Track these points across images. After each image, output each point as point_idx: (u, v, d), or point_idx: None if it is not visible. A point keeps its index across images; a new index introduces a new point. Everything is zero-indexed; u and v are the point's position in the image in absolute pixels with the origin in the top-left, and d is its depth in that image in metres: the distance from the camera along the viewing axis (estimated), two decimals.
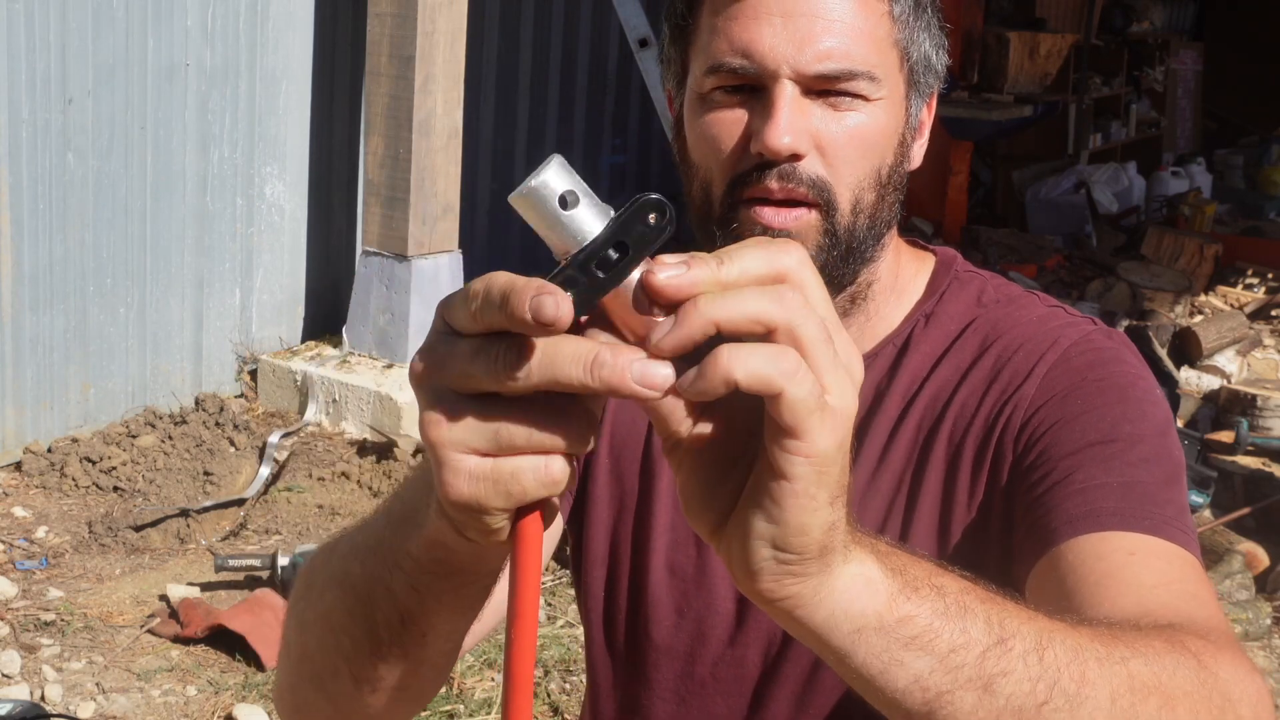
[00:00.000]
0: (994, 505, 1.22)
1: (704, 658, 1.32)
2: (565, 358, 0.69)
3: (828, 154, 1.19)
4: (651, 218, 0.69)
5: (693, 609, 1.32)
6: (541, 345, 0.69)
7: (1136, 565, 1.07)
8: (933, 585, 0.76)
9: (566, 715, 3.73)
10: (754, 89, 1.20)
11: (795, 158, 1.18)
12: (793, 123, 1.17)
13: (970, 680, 0.75)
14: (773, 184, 1.19)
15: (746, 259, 0.69)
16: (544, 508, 0.75)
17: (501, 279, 0.70)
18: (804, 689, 1.28)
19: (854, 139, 1.20)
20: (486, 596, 0.90)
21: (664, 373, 0.68)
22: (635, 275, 0.69)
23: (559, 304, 0.67)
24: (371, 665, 0.96)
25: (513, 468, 0.71)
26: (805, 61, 1.17)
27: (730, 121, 1.21)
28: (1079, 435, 1.18)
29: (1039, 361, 1.24)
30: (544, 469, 0.72)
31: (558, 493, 0.73)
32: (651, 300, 0.69)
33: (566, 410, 0.72)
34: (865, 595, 0.74)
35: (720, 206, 1.22)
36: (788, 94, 1.17)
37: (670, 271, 0.68)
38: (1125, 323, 7.03)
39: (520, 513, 0.74)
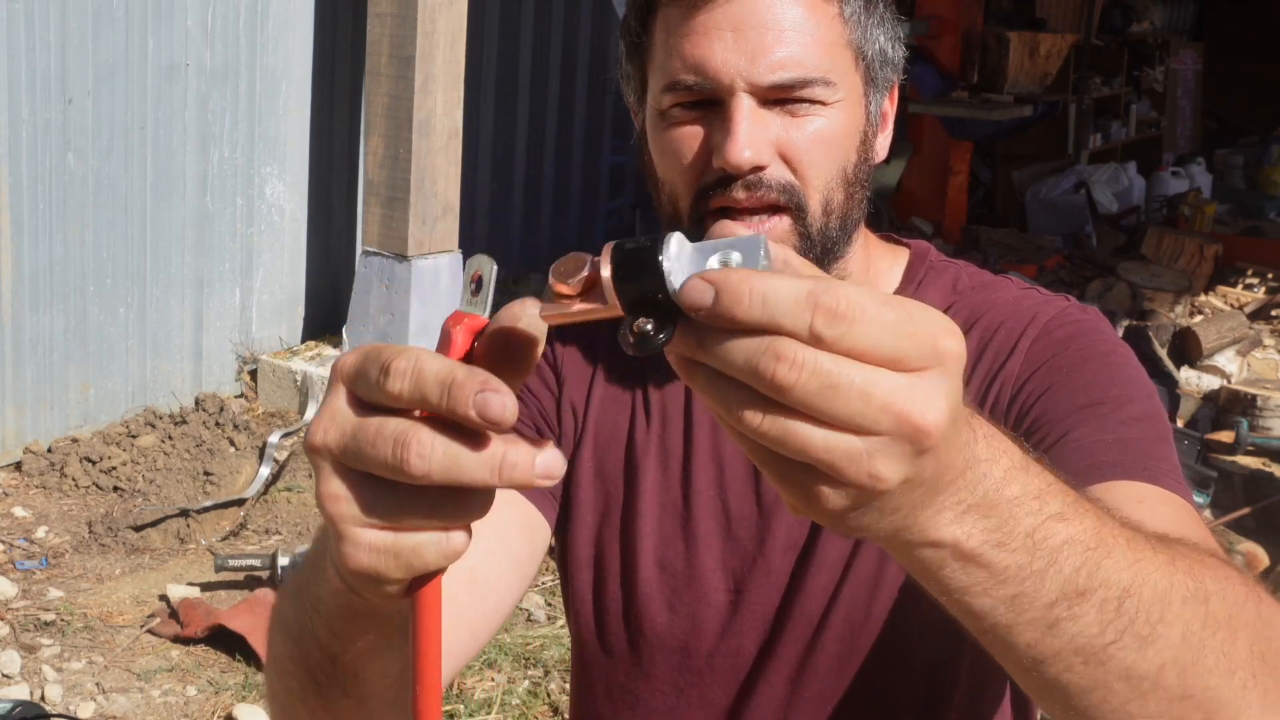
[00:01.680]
0: None
1: (699, 649, 1.34)
2: (471, 462, 0.67)
3: (792, 160, 1.21)
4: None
5: (684, 603, 1.34)
6: (443, 447, 0.67)
7: (1147, 512, 1.06)
8: (1029, 537, 0.74)
9: (565, 715, 3.74)
10: (712, 103, 1.21)
11: (758, 169, 1.19)
12: (752, 136, 1.18)
13: (1032, 622, 0.76)
14: (740, 194, 1.20)
15: (735, 356, 0.66)
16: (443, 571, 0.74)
17: (435, 364, 0.67)
18: (797, 672, 1.30)
19: (817, 142, 1.21)
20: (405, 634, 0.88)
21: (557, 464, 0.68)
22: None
23: (505, 403, 0.66)
24: (321, 706, 0.95)
25: (414, 542, 0.70)
26: (758, 73, 1.18)
27: (690, 137, 1.22)
28: (1069, 399, 1.21)
29: (1021, 337, 1.27)
30: (445, 542, 0.70)
31: (456, 561, 0.72)
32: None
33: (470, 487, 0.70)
34: (944, 551, 0.73)
35: (688, 219, 1.24)
36: (744, 107, 1.19)
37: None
38: (1125, 323, 7.03)
39: (419, 580, 0.73)
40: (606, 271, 0.68)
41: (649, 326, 0.67)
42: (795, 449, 0.65)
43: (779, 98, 1.20)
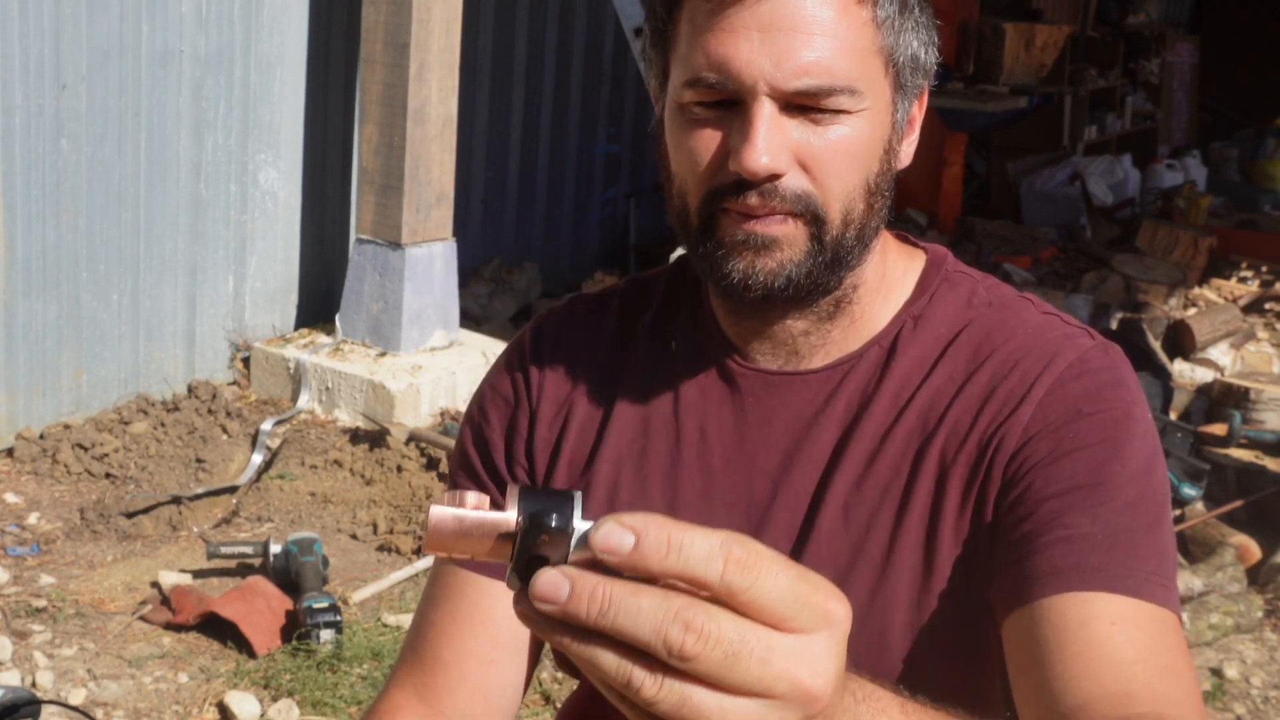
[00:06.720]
0: (980, 539, 1.22)
1: None
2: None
3: (812, 169, 1.17)
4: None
5: None
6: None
7: (1118, 637, 1.08)
8: None
9: (557, 704, 3.74)
10: (733, 103, 1.17)
11: (774, 176, 1.16)
12: (770, 142, 1.15)
13: None
14: (753, 201, 1.17)
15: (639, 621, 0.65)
16: None
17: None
18: None
19: (838, 151, 1.18)
20: None
21: None
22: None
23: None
24: None
25: None
26: (783, 78, 1.14)
27: (708, 137, 1.18)
28: (1067, 475, 1.18)
29: (1035, 384, 1.23)
30: None
31: None
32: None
33: None
34: None
35: (697, 217, 1.21)
36: (765, 112, 1.15)
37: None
38: (1119, 315, 7.03)
39: None
40: (513, 512, 0.68)
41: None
42: (690, 717, 0.64)
43: (802, 104, 1.16)
